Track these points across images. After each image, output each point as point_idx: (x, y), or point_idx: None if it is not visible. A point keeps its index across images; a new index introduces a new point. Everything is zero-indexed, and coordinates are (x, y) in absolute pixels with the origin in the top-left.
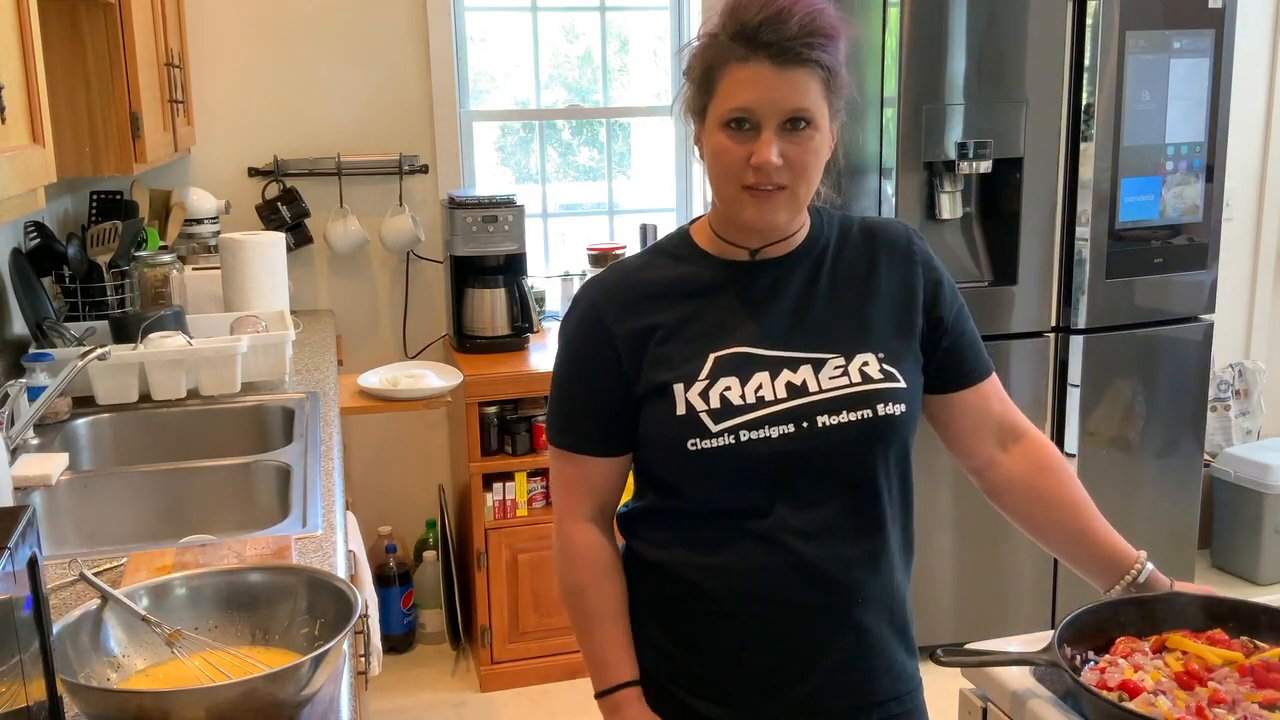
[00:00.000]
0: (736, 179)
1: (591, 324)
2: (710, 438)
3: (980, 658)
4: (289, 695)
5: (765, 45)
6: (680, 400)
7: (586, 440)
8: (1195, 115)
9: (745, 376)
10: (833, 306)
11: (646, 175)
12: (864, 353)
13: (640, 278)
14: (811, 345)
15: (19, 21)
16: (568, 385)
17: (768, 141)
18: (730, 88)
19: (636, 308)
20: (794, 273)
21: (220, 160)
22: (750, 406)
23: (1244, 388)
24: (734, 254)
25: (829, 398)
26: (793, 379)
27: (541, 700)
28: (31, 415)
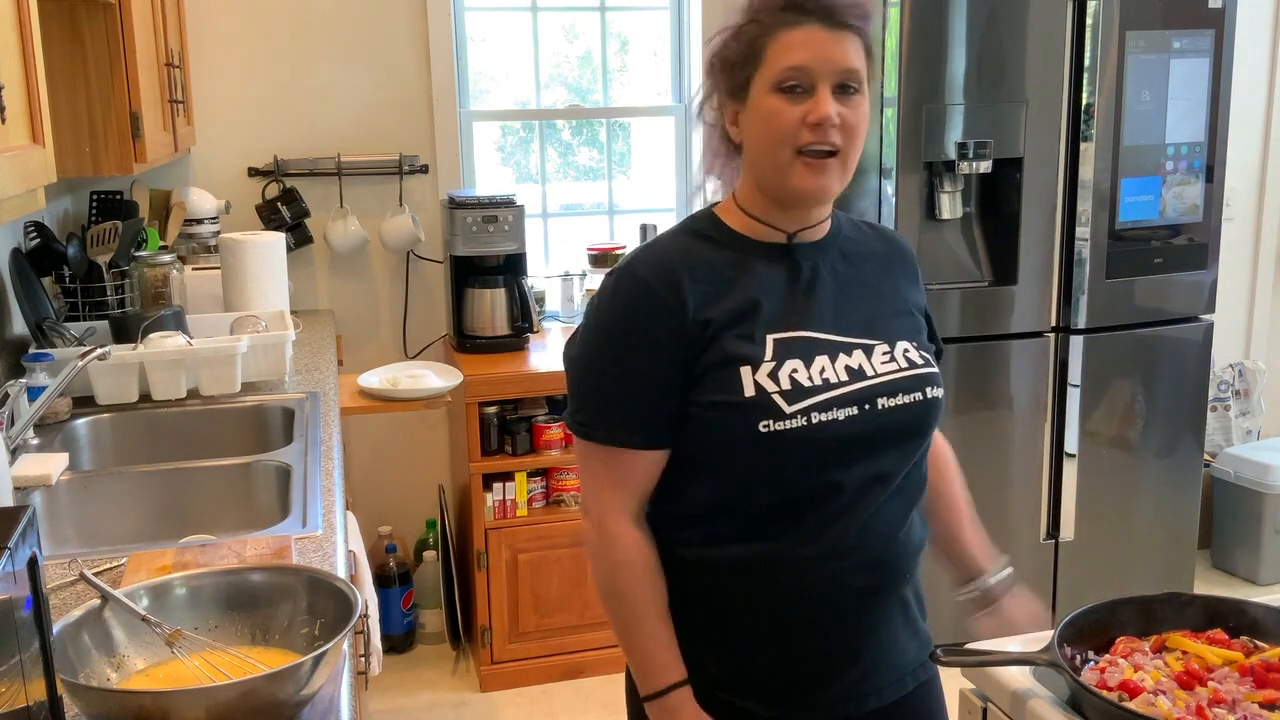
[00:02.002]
0: (791, 142)
1: (650, 306)
2: (785, 419)
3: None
4: (289, 695)
5: (814, 10)
6: (748, 382)
7: (634, 432)
8: (1195, 115)
9: (808, 359)
10: (868, 293)
11: (646, 175)
12: (902, 340)
13: (686, 259)
14: (858, 331)
15: (19, 21)
16: (613, 374)
17: (825, 98)
18: (781, 51)
19: (688, 289)
20: (827, 259)
21: (220, 160)
22: (818, 388)
23: (1244, 388)
24: (770, 236)
25: (886, 381)
26: (850, 363)
27: (541, 700)
28: (31, 415)
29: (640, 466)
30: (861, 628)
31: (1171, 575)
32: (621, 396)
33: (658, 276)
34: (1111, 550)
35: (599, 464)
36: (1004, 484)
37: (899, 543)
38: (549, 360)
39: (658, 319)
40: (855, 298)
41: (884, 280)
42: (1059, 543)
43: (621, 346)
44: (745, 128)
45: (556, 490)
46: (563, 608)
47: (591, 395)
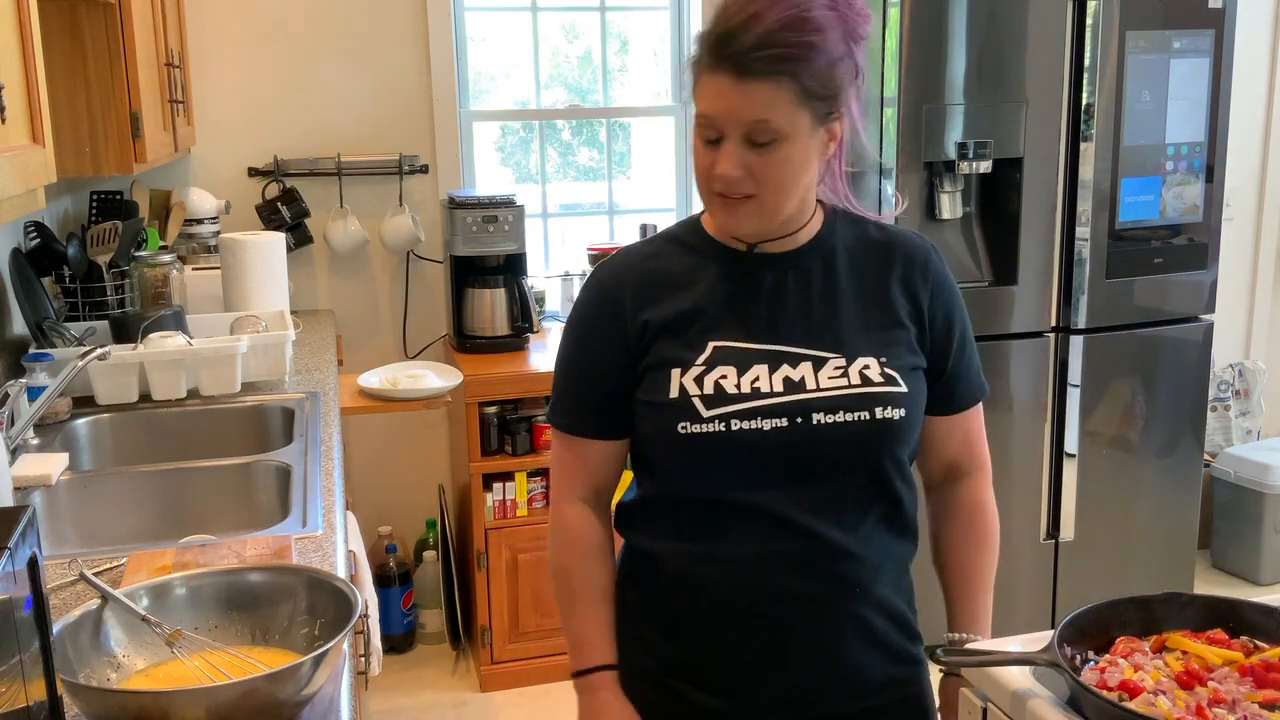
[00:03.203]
0: (706, 184)
1: (601, 305)
2: (701, 423)
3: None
4: (289, 695)
5: (728, 56)
6: (674, 384)
7: (585, 422)
8: (1195, 115)
9: (743, 367)
10: (838, 307)
11: (646, 175)
12: (866, 356)
13: (649, 265)
14: (813, 343)
15: (19, 21)
16: (572, 367)
17: (728, 154)
18: (700, 96)
19: (645, 292)
20: (798, 270)
21: (220, 160)
22: (744, 397)
23: (1244, 388)
24: (735, 244)
25: (826, 396)
26: (791, 374)
27: (541, 700)
28: (31, 415)
29: (595, 454)
30: (796, 631)
31: (1171, 575)
32: (575, 388)
33: (611, 278)
34: (1111, 550)
35: (557, 451)
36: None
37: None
38: (549, 360)
39: (604, 318)
40: (823, 309)
41: (879, 291)
42: (1059, 543)
43: (576, 343)
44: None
45: None
46: None
47: (557, 387)
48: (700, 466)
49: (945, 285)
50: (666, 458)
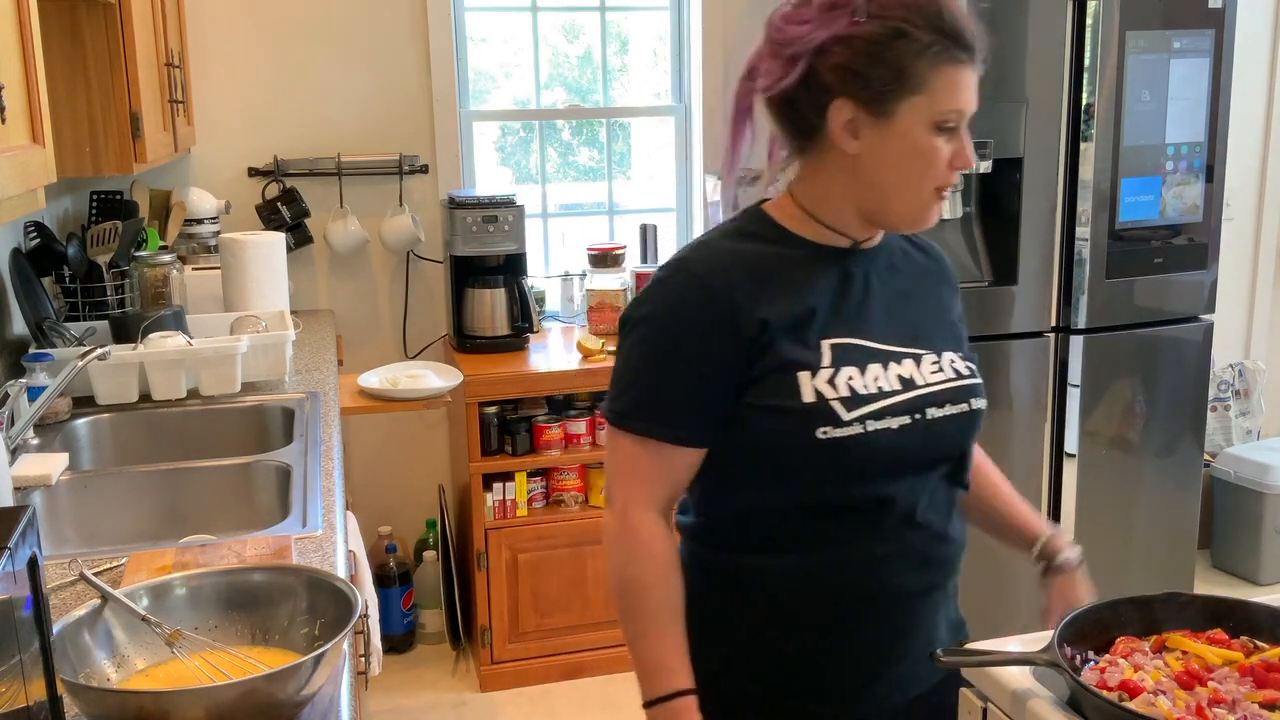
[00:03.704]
0: (938, 181)
1: (706, 301)
2: (842, 426)
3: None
4: (289, 695)
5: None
6: (807, 388)
7: (680, 428)
8: (1195, 115)
9: (862, 367)
10: (915, 304)
11: (646, 175)
12: (949, 350)
13: (751, 260)
14: (907, 340)
15: (19, 21)
16: (664, 365)
17: (969, 142)
18: (950, 88)
19: (756, 289)
20: (878, 266)
21: (220, 160)
22: (873, 397)
23: (1244, 388)
24: (831, 240)
25: (935, 391)
26: (901, 371)
27: (541, 700)
28: (31, 415)
29: (675, 463)
30: (909, 627)
31: (1171, 575)
32: (666, 391)
33: (714, 274)
34: (1111, 550)
35: (630, 455)
36: None
37: (944, 545)
38: (549, 360)
39: (712, 317)
40: (902, 307)
41: (928, 291)
42: None
43: (671, 342)
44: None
45: (556, 490)
46: (563, 608)
47: (633, 386)
48: (835, 471)
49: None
50: (795, 464)
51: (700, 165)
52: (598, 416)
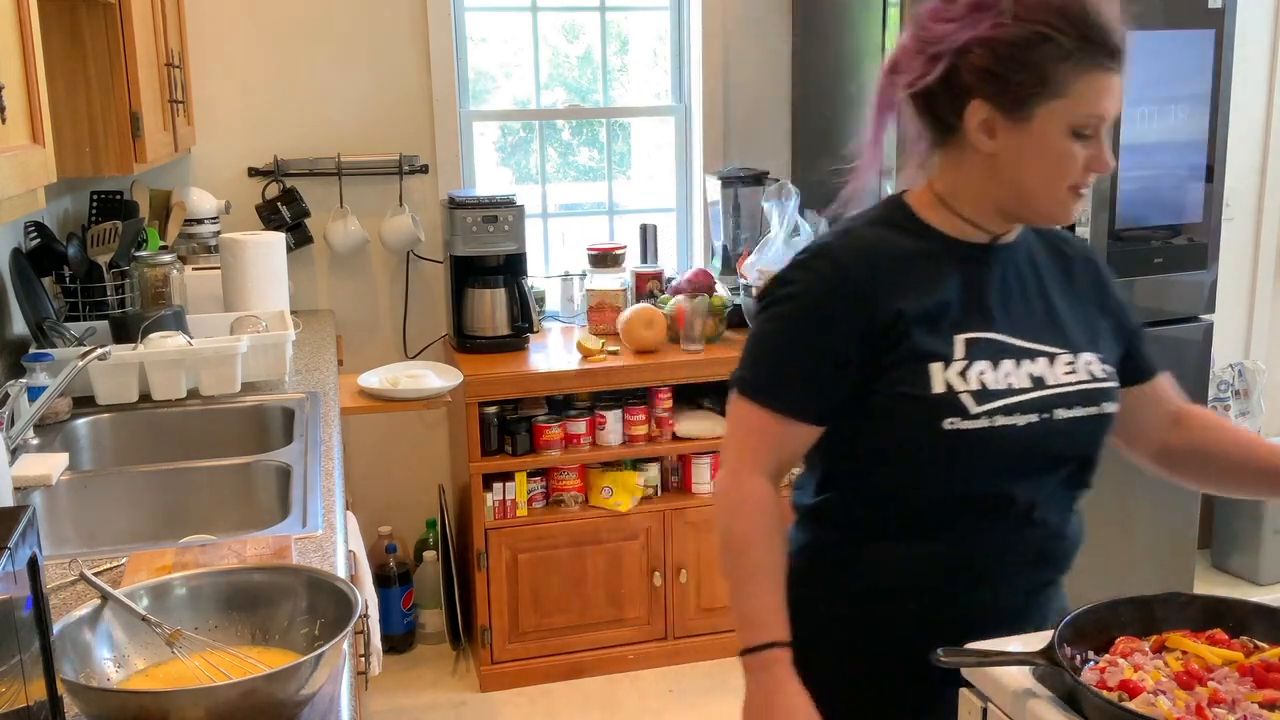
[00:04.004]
0: (1073, 182)
1: (844, 288)
2: (970, 419)
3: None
4: (289, 695)
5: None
6: (938, 379)
7: (799, 404)
8: (1195, 115)
9: (995, 362)
10: (1054, 301)
11: (646, 175)
12: (1086, 351)
13: (881, 248)
14: (1043, 338)
15: (19, 21)
16: (796, 344)
17: (1107, 147)
18: (1092, 94)
19: (895, 281)
20: (1016, 263)
21: (220, 160)
22: (1003, 393)
23: (1244, 388)
24: (970, 235)
25: (1065, 392)
26: (1033, 370)
27: (541, 700)
28: (31, 415)
29: (791, 436)
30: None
31: (1171, 575)
32: (792, 368)
33: (855, 261)
34: (1111, 550)
35: (749, 422)
36: None
37: (1060, 543)
38: (549, 360)
39: (848, 302)
40: (1040, 304)
41: (1068, 288)
42: None
43: (806, 322)
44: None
45: (556, 490)
46: (563, 608)
47: (764, 362)
48: (958, 464)
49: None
50: (920, 454)
51: (700, 165)
52: (598, 416)
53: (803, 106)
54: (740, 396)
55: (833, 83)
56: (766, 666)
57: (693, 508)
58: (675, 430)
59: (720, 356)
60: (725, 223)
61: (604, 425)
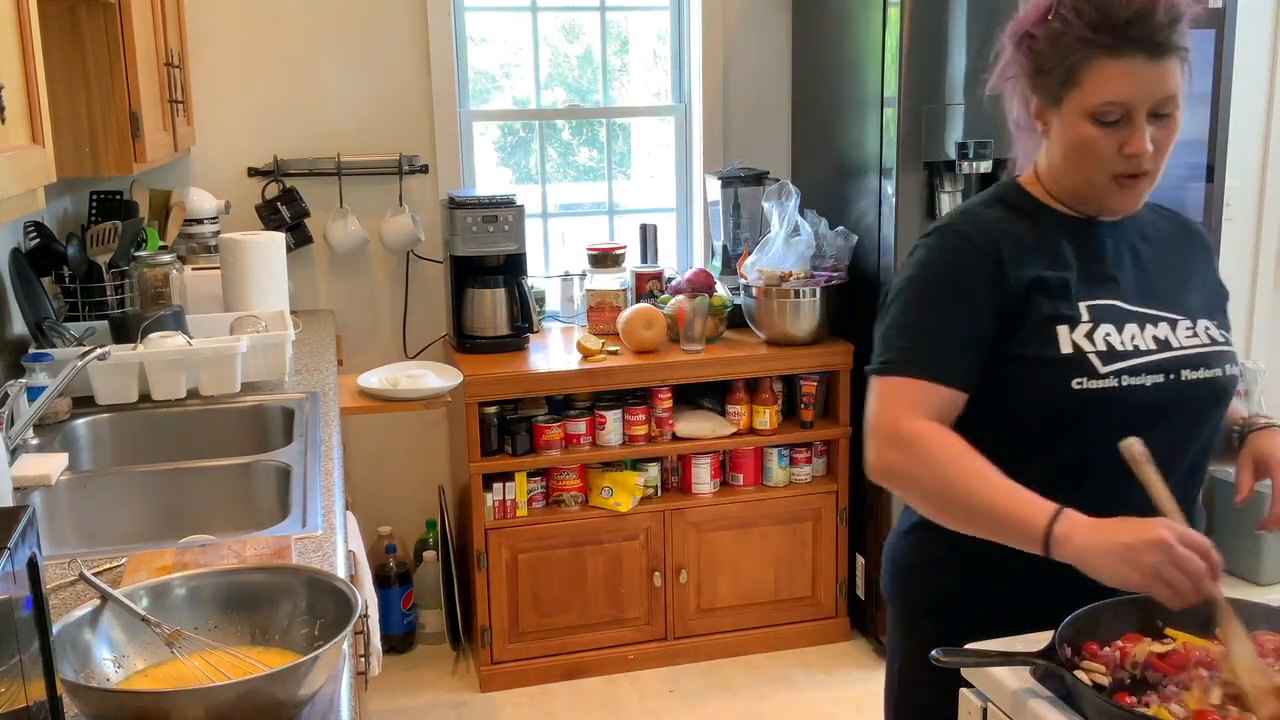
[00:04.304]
0: (1106, 169)
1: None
2: (1098, 378)
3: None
4: (289, 695)
5: (1137, 40)
6: (1065, 340)
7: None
8: (1195, 115)
9: (1119, 326)
10: (1168, 271)
11: (646, 175)
12: (1203, 318)
13: (1001, 224)
14: (1161, 305)
15: (19, 21)
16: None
17: (1142, 130)
18: (1100, 82)
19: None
20: (1129, 238)
21: (220, 160)
22: (1129, 354)
23: (1244, 388)
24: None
25: (1191, 353)
26: (1157, 333)
27: (541, 700)
28: (31, 415)
29: (940, 402)
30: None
31: None
32: (936, 337)
33: (979, 234)
34: None
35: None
36: None
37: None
38: (549, 360)
39: (978, 271)
40: (1155, 274)
41: (1182, 260)
42: None
43: (942, 293)
44: (1056, 136)
45: (556, 490)
46: (563, 608)
47: (903, 338)
48: (1088, 423)
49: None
50: (1048, 414)
51: (700, 165)
52: (598, 416)
53: (803, 106)
54: (883, 375)
55: (833, 83)
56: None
57: (693, 508)
58: (675, 430)
59: (720, 356)
60: (725, 223)
61: (604, 425)
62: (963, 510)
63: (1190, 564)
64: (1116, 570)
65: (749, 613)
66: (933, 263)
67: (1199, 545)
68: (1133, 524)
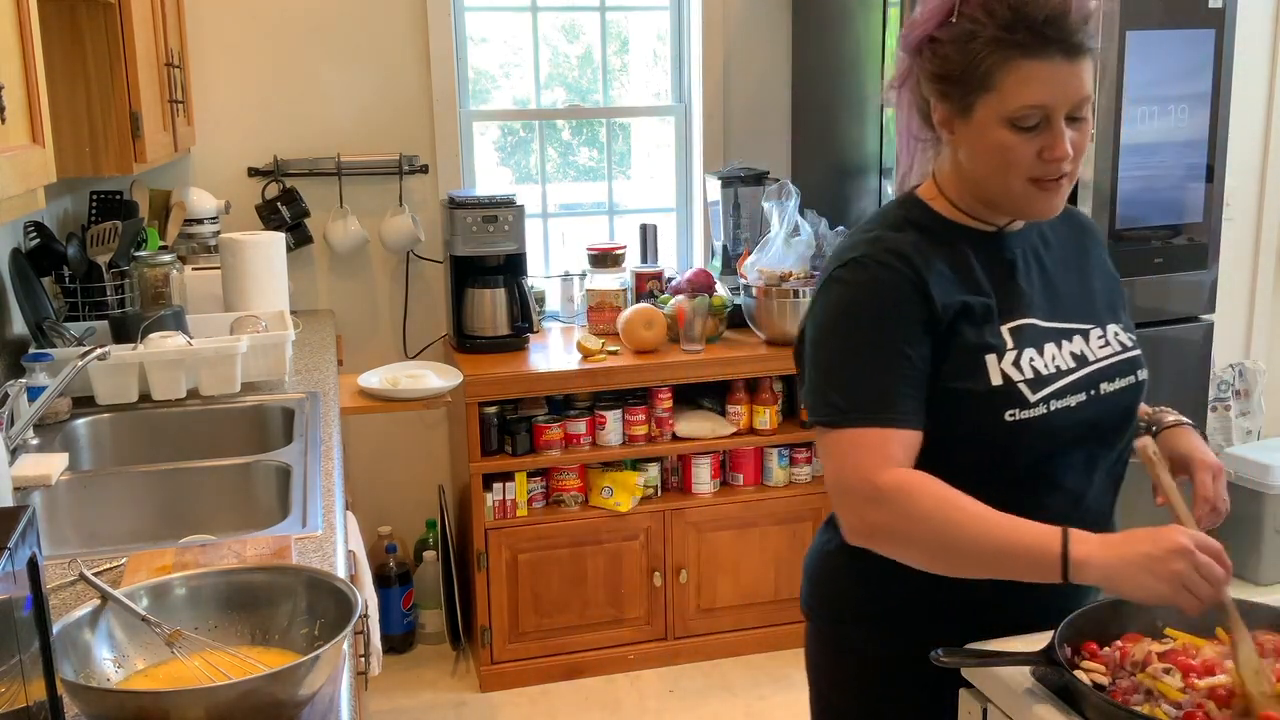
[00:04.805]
0: (1024, 174)
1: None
2: (1029, 408)
3: (980, 658)
4: (289, 695)
5: (1055, 40)
6: (995, 370)
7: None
8: (1195, 115)
9: (1039, 347)
10: (1070, 279)
11: (646, 175)
12: (1111, 323)
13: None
14: (1071, 316)
15: (19, 21)
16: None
17: (1062, 135)
18: (1020, 84)
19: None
20: (1028, 245)
21: (220, 160)
22: (1053, 377)
23: (1244, 388)
24: (979, 225)
25: (1106, 365)
26: (1073, 349)
27: (541, 700)
28: (31, 415)
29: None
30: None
31: None
32: (881, 380)
33: (900, 262)
34: None
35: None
36: None
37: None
38: (549, 360)
39: (907, 302)
40: (1061, 282)
41: (1083, 260)
42: None
43: (876, 331)
44: (966, 145)
45: (556, 490)
46: (563, 608)
47: (848, 385)
48: (1021, 450)
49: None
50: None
51: (700, 165)
52: (598, 416)
53: (803, 106)
54: (836, 429)
55: (833, 83)
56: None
57: (693, 508)
58: (675, 430)
59: (720, 356)
60: (725, 223)
61: (604, 425)
62: (969, 557)
63: (1211, 570)
64: (1142, 583)
65: (749, 613)
66: (858, 299)
67: (1214, 550)
68: (1148, 534)
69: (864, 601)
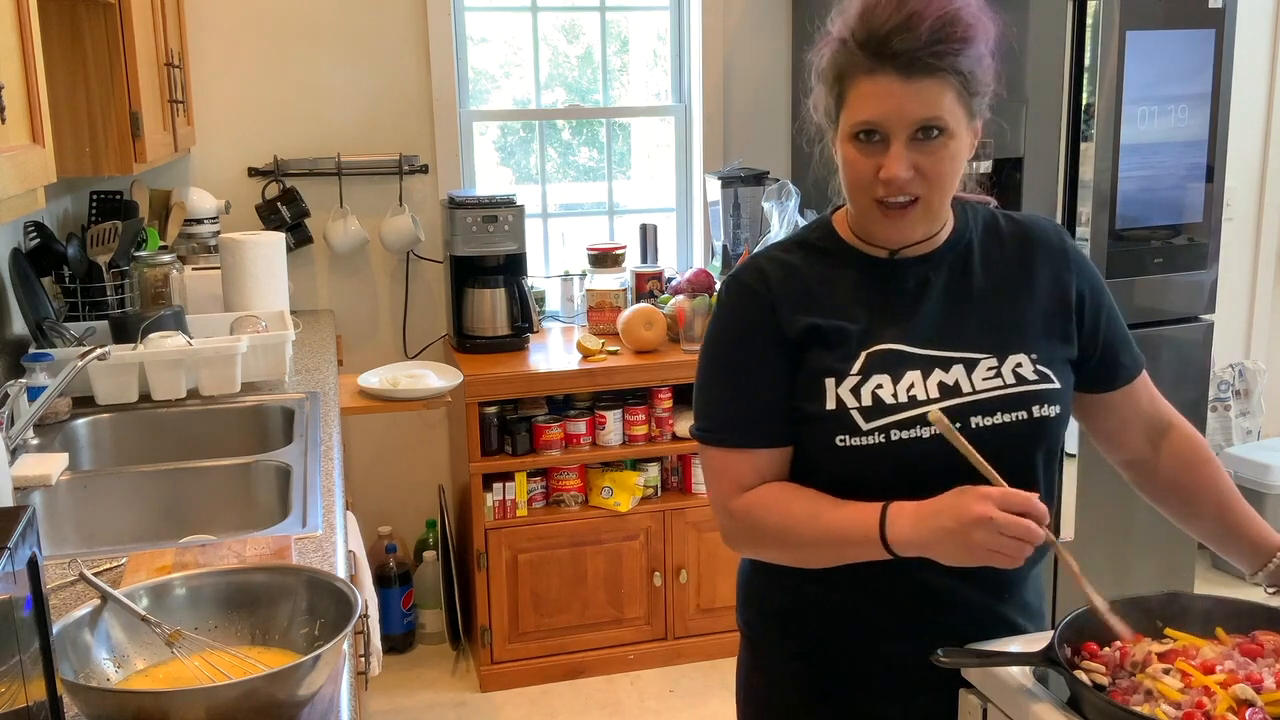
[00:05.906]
0: (867, 191)
1: (754, 309)
2: (860, 435)
3: (980, 658)
4: (289, 695)
5: (893, 56)
6: (830, 394)
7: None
8: (1195, 115)
9: (897, 375)
10: (982, 306)
11: (646, 175)
12: (1016, 353)
13: (793, 270)
14: (962, 345)
15: (19, 21)
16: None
17: (896, 155)
18: (858, 100)
19: (795, 297)
20: (939, 270)
21: (220, 160)
22: (902, 406)
23: (1244, 388)
24: (874, 251)
25: (983, 399)
26: (945, 379)
27: (541, 700)
28: (31, 415)
29: (754, 466)
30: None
31: (1171, 575)
32: (739, 402)
33: (759, 282)
34: (1111, 550)
35: (721, 463)
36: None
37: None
38: (549, 360)
39: (760, 324)
40: (968, 309)
41: (1021, 284)
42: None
43: (733, 353)
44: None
45: (556, 490)
46: (563, 608)
47: (713, 403)
48: (863, 477)
49: (1085, 263)
50: (822, 468)
51: (700, 165)
52: (598, 416)
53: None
54: (705, 445)
55: None
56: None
57: (693, 508)
58: (675, 430)
59: None
60: (725, 223)
61: (604, 425)
62: (808, 547)
63: (1016, 527)
64: (952, 554)
65: None
66: (721, 318)
67: (1019, 502)
68: (950, 505)
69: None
